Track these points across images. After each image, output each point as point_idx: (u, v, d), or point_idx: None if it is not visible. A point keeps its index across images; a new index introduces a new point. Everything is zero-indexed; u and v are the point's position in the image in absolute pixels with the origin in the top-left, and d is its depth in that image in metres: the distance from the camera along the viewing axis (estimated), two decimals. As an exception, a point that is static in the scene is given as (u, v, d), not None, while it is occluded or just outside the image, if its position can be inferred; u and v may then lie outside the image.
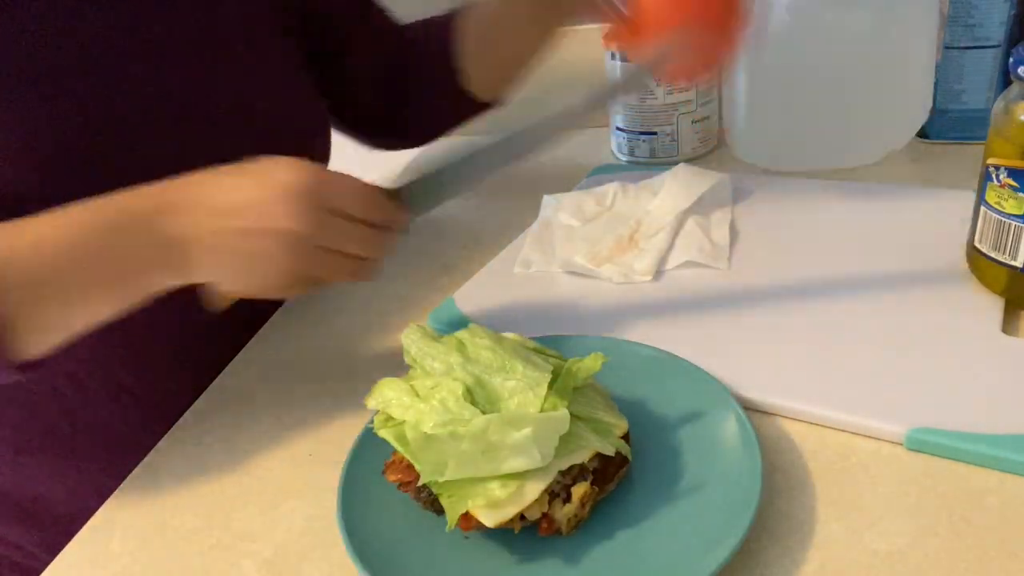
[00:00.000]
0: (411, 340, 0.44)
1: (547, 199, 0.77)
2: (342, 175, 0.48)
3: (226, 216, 0.45)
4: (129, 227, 0.45)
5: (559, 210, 0.74)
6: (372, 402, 0.43)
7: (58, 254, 0.44)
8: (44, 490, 0.65)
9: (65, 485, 0.65)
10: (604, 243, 0.67)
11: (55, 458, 0.64)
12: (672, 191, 0.71)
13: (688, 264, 0.63)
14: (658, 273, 0.63)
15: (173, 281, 0.47)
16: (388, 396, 0.42)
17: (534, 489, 0.38)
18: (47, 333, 0.46)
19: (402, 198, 0.51)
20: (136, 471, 0.52)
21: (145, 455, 0.54)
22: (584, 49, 1.00)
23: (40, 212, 0.45)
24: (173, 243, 0.45)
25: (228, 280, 0.48)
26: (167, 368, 0.64)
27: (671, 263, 0.64)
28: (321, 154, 0.71)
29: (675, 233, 0.67)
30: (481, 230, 0.78)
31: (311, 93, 0.71)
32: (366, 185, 0.49)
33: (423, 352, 0.43)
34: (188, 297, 0.49)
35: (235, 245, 0.45)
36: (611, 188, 0.75)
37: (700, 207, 0.70)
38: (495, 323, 0.59)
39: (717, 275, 0.62)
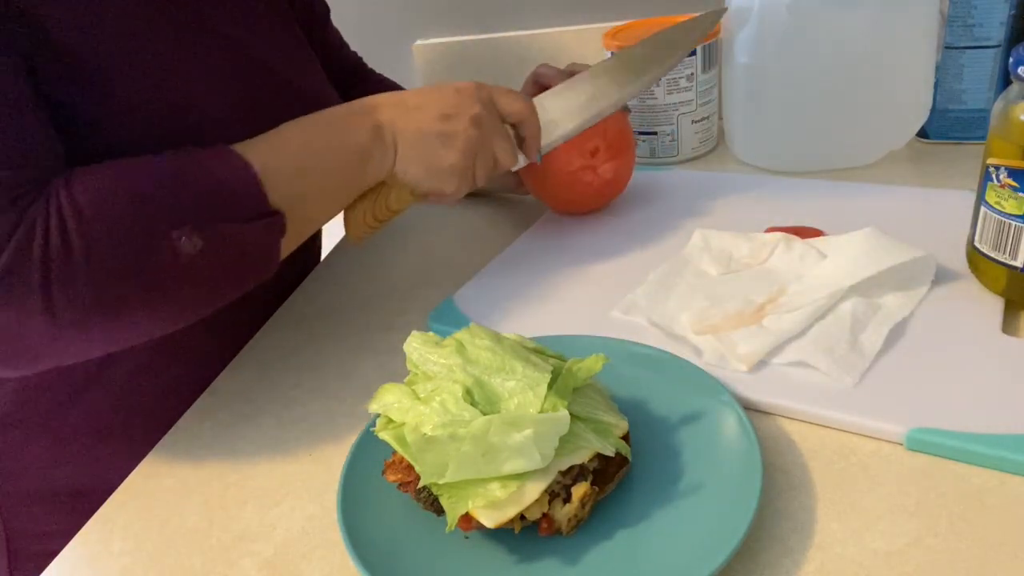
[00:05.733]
0: (412, 348, 0.44)
1: (698, 234, 0.66)
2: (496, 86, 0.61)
3: (424, 109, 0.57)
4: (351, 121, 0.55)
5: (705, 251, 0.64)
6: (374, 406, 0.43)
7: (301, 150, 0.53)
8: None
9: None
10: (724, 307, 0.55)
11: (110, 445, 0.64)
12: (848, 257, 0.57)
13: (802, 363, 0.50)
14: (760, 364, 0.51)
15: (382, 167, 0.56)
16: (389, 400, 0.42)
17: (534, 489, 0.38)
18: (300, 228, 0.54)
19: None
20: (136, 470, 0.52)
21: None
22: (584, 48, 1.00)
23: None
24: (385, 129, 0.56)
25: (421, 163, 0.56)
26: (165, 368, 0.64)
27: (783, 357, 0.50)
28: None
29: (818, 316, 0.53)
30: (481, 230, 0.78)
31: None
32: (512, 90, 0.62)
33: (424, 358, 0.43)
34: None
35: (433, 127, 0.56)
36: (774, 238, 0.63)
37: (877, 288, 0.55)
38: (495, 323, 0.59)
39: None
